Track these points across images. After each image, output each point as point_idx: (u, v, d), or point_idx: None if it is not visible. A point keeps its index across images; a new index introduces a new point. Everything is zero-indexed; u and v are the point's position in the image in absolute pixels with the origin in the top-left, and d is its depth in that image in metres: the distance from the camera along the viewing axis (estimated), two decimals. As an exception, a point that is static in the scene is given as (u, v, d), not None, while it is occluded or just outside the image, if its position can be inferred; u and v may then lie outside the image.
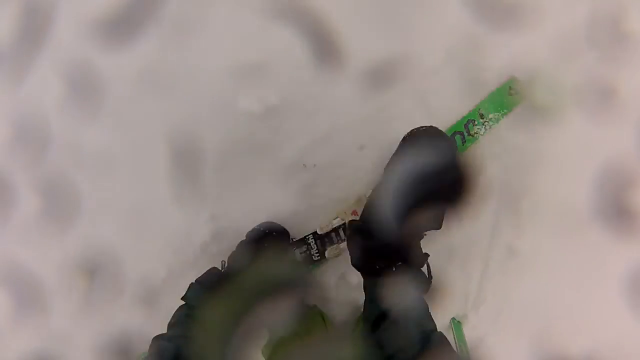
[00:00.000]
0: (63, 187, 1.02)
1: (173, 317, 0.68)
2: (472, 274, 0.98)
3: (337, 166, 0.92)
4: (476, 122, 0.88)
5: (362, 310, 0.78)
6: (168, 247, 1.01)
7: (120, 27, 0.89)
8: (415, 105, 0.92)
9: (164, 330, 1.00)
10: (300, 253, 0.85)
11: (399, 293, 0.59)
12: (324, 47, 0.85)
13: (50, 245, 1.08)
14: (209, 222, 0.97)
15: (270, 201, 0.95)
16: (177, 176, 0.94)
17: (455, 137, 0.87)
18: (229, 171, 0.94)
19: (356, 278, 0.91)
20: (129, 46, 0.89)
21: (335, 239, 0.84)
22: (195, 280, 0.73)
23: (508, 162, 0.94)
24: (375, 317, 0.61)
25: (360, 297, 0.92)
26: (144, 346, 1.07)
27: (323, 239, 0.84)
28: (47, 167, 1.02)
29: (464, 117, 0.89)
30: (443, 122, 0.92)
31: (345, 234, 0.83)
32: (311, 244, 0.84)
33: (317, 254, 0.84)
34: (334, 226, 0.83)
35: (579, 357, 0.92)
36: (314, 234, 0.84)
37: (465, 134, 0.88)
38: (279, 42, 0.86)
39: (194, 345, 0.60)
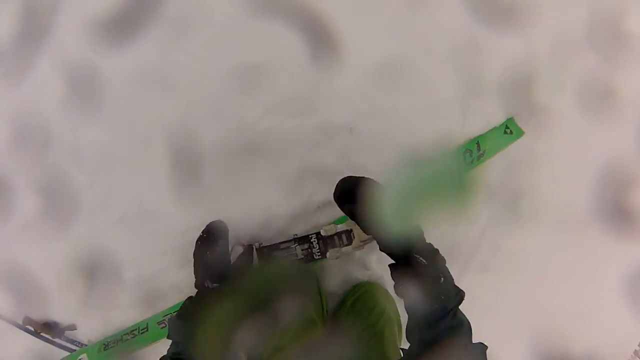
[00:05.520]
0: (63, 187, 1.02)
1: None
2: (484, 272, 0.99)
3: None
4: (472, 153, 0.93)
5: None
6: (168, 247, 1.01)
7: (120, 27, 0.89)
8: (415, 106, 0.92)
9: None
10: (302, 250, 0.86)
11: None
12: (324, 46, 0.85)
13: (50, 245, 1.08)
14: (209, 220, 0.97)
15: (269, 200, 0.95)
16: (177, 175, 0.94)
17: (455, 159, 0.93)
18: (228, 170, 0.94)
19: (358, 253, 0.92)
20: (129, 46, 0.89)
21: (337, 243, 0.86)
22: (177, 315, 0.75)
23: (508, 163, 0.94)
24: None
25: (355, 271, 0.96)
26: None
27: (325, 240, 0.86)
28: (47, 167, 1.02)
29: (462, 146, 0.94)
30: (442, 124, 0.92)
31: (349, 239, 0.85)
32: (313, 243, 0.86)
33: (319, 253, 0.86)
34: (337, 230, 0.85)
35: (579, 356, 0.93)
36: (317, 234, 0.86)
37: (463, 162, 0.93)
38: (279, 41, 0.86)
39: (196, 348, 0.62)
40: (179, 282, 1.03)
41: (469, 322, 0.63)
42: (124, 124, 0.96)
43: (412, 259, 0.62)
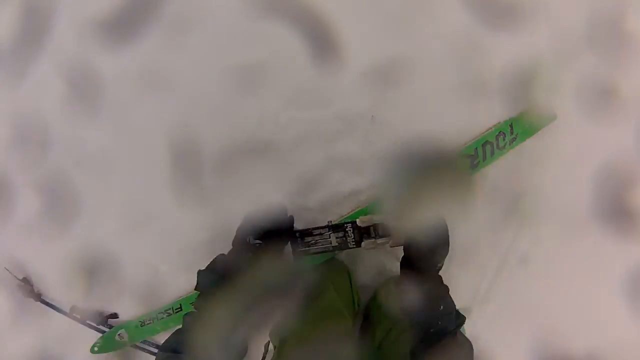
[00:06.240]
0: (63, 187, 1.02)
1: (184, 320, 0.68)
2: (486, 273, 0.99)
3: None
4: (505, 137, 0.91)
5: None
6: (168, 247, 1.01)
7: (120, 27, 0.89)
8: (415, 107, 0.92)
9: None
10: (337, 238, 0.86)
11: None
12: (324, 46, 0.85)
13: (50, 245, 1.08)
14: (209, 221, 0.97)
15: (270, 200, 0.95)
16: (177, 176, 0.94)
17: (486, 148, 0.91)
18: (229, 170, 0.94)
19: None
20: (129, 46, 0.89)
21: (373, 234, 0.85)
22: (206, 268, 0.72)
23: (508, 162, 0.94)
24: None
25: (387, 263, 0.96)
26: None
27: (361, 231, 0.85)
28: (47, 167, 1.02)
29: (496, 129, 0.91)
30: (443, 123, 0.92)
31: (384, 232, 0.84)
32: (349, 232, 0.85)
33: (353, 242, 0.85)
34: (374, 222, 0.84)
35: (579, 356, 0.93)
36: (353, 223, 0.85)
37: (495, 146, 0.91)
38: (279, 41, 0.86)
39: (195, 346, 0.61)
40: (180, 284, 1.03)
41: (470, 344, 0.64)
42: (124, 124, 0.96)
43: (419, 281, 0.65)
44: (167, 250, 1.02)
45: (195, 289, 0.71)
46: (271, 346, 0.82)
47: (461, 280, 0.95)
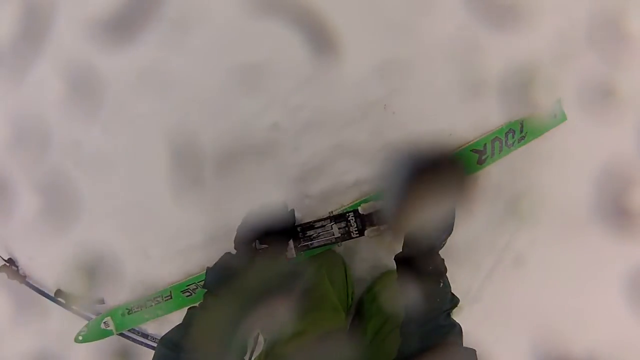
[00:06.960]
0: (63, 187, 1.02)
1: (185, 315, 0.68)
2: (481, 272, 0.99)
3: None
4: (515, 134, 0.90)
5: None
6: (168, 247, 1.01)
7: (120, 27, 0.89)
8: (414, 108, 0.92)
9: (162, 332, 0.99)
10: (339, 229, 0.84)
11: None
12: (324, 46, 0.85)
13: (50, 245, 1.08)
14: (209, 221, 0.97)
15: (270, 200, 0.95)
16: (176, 176, 0.94)
17: (495, 144, 0.90)
18: (228, 170, 0.94)
19: (389, 239, 0.90)
20: (129, 46, 0.89)
21: (375, 221, 0.83)
22: (214, 265, 0.73)
23: (508, 162, 0.94)
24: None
25: (384, 257, 0.95)
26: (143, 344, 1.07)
27: (363, 219, 0.83)
28: (47, 167, 1.02)
29: (507, 125, 0.90)
30: (443, 123, 0.92)
31: (386, 219, 0.82)
32: (351, 221, 0.83)
33: (357, 232, 0.83)
34: (376, 208, 0.82)
35: (579, 356, 0.93)
36: (355, 212, 0.83)
37: (504, 143, 0.90)
38: (279, 40, 0.86)
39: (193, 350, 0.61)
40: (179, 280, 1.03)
41: (460, 326, 0.65)
42: (123, 124, 0.96)
43: (421, 259, 0.65)
44: (167, 250, 1.01)
45: (203, 287, 0.71)
46: (261, 338, 0.81)
47: (455, 278, 0.95)
